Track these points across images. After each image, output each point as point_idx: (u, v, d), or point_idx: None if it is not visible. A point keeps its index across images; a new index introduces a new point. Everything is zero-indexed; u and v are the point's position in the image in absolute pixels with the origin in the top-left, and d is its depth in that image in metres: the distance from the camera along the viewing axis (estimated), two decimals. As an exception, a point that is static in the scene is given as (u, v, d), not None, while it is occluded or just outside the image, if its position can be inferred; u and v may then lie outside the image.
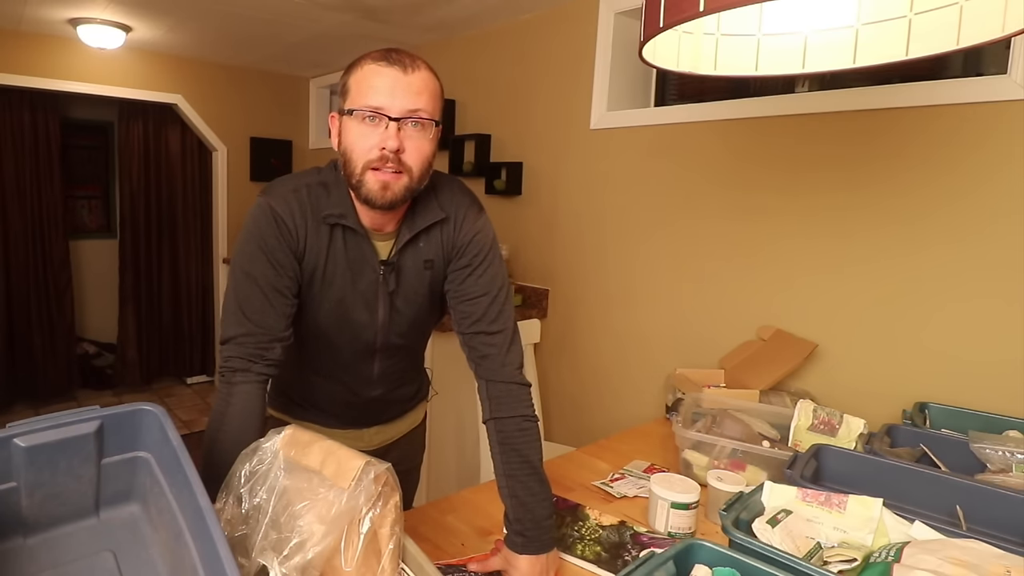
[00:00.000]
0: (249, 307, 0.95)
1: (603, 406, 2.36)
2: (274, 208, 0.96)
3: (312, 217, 0.97)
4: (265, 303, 0.95)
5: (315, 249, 0.98)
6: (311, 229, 0.98)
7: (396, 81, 0.90)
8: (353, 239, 1.00)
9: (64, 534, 0.67)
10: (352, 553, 0.71)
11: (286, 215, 0.96)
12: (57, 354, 3.99)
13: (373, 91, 0.90)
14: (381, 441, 1.25)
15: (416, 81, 0.91)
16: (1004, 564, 0.75)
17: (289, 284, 0.97)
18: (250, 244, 0.96)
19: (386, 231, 1.02)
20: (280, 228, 0.96)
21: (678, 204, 2.06)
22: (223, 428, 0.91)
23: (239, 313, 0.95)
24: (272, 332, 0.95)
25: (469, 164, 2.82)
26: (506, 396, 1.01)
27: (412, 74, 0.91)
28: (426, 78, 0.92)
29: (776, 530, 0.86)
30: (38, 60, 3.23)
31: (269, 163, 4.07)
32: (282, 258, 0.96)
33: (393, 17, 2.67)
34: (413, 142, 0.92)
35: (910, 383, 1.55)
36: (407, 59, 0.91)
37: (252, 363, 0.94)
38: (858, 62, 0.84)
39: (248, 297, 0.95)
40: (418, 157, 0.93)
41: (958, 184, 1.47)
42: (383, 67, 0.90)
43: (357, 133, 0.91)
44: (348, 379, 1.14)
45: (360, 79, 0.91)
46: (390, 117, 0.89)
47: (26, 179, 3.79)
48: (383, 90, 0.89)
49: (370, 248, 1.01)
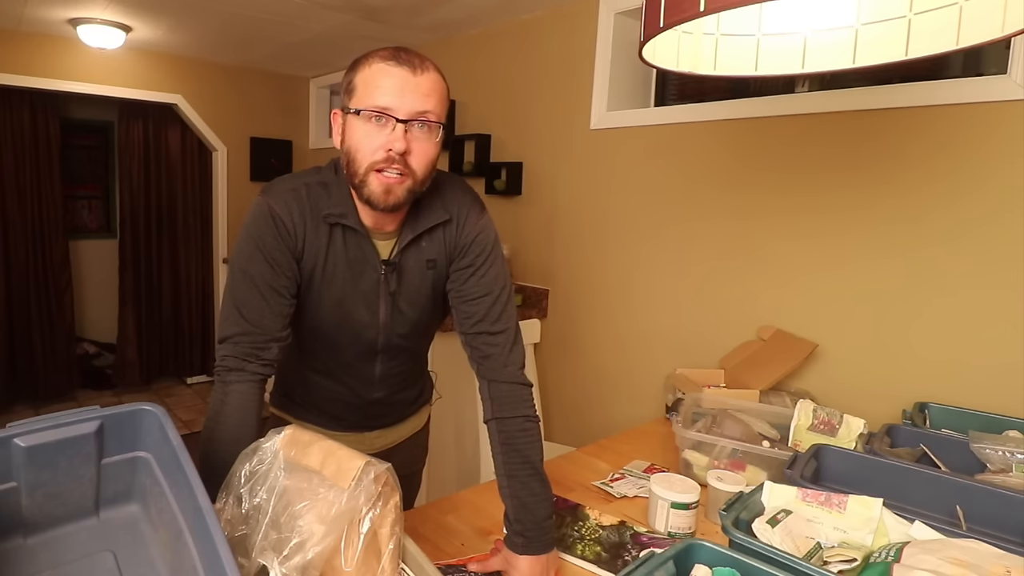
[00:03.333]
0: (246, 307, 0.94)
1: (603, 406, 2.36)
2: (272, 208, 0.95)
3: (311, 217, 0.97)
4: (262, 303, 0.95)
5: (314, 249, 0.98)
6: (310, 229, 0.97)
7: (405, 82, 0.88)
8: (353, 238, 0.99)
9: (64, 534, 0.67)
10: (352, 553, 0.71)
11: (284, 215, 0.95)
12: (57, 354, 3.99)
13: (381, 91, 0.88)
14: (383, 445, 1.23)
15: (425, 82, 0.89)
16: (1004, 564, 0.75)
17: (287, 284, 0.97)
18: (248, 243, 0.95)
19: (387, 230, 1.01)
20: (278, 228, 0.95)
21: (678, 204, 2.06)
22: (219, 427, 0.91)
23: (236, 313, 0.94)
24: (269, 332, 0.95)
25: (469, 164, 2.82)
26: (508, 396, 1.01)
27: (421, 75, 0.89)
28: (435, 80, 0.91)
29: (776, 530, 0.86)
30: (38, 60, 3.23)
31: (269, 163, 4.07)
32: (280, 258, 0.95)
33: (393, 17, 2.67)
34: (419, 144, 0.91)
35: (910, 383, 1.55)
36: (416, 59, 0.90)
37: (247, 362, 0.93)
38: (858, 62, 0.85)
39: (245, 297, 0.94)
40: (423, 160, 0.92)
41: (959, 184, 1.47)
42: (392, 67, 0.89)
43: (363, 133, 0.90)
44: (349, 380, 1.13)
45: (368, 78, 0.90)
46: (398, 119, 0.88)
47: (26, 179, 3.79)
48: (392, 90, 0.88)
49: (371, 248, 1.00)
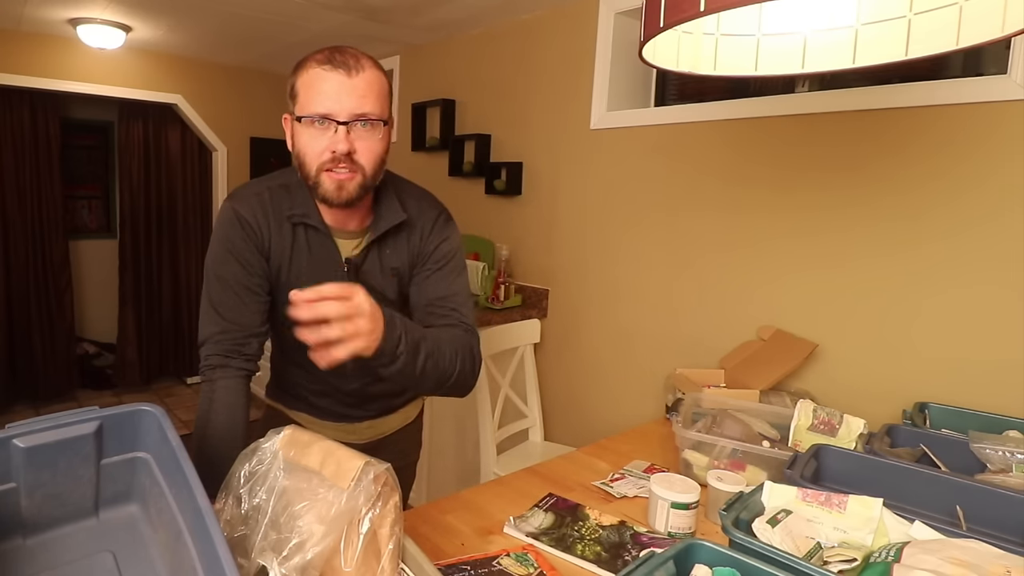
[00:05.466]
0: (223, 306, 0.98)
1: (603, 406, 2.36)
2: (238, 211, 1.00)
3: (274, 217, 1.01)
4: (238, 301, 0.99)
5: (279, 248, 1.02)
6: (274, 229, 1.01)
7: (341, 86, 0.91)
8: (316, 237, 1.03)
9: (63, 535, 0.67)
10: (352, 553, 0.71)
11: (250, 217, 1.00)
12: (57, 354, 3.99)
13: (320, 96, 0.91)
14: (373, 436, 1.27)
15: (361, 84, 0.92)
16: (1004, 564, 0.75)
17: (260, 282, 1.01)
18: (219, 247, 1.00)
19: (349, 229, 1.05)
20: (245, 230, 1.00)
21: (678, 204, 2.06)
22: (210, 424, 0.93)
23: (213, 313, 0.98)
24: (247, 328, 0.98)
25: (469, 164, 2.82)
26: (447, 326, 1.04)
27: (356, 76, 0.92)
28: (370, 79, 0.93)
29: (776, 530, 0.86)
30: (38, 60, 3.23)
31: (269, 163, 4.07)
32: (250, 257, 1.00)
33: (393, 17, 2.67)
34: (363, 143, 0.94)
35: (910, 383, 1.55)
36: (351, 60, 0.92)
37: (230, 359, 0.96)
38: (858, 62, 0.84)
39: (221, 297, 0.98)
40: (369, 156, 0.95)
41: (958, 183, 1.47)
42: (327, 71, 0.91)
43: (308, 137, 0.94)
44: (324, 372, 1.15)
45: (306, 84, 0.93)
46: (339, 122, 0.91)
47: (26, 179, 3.79)
48: (329, 95, 0.91)
49: (333, 246, 1.04)
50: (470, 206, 2.88)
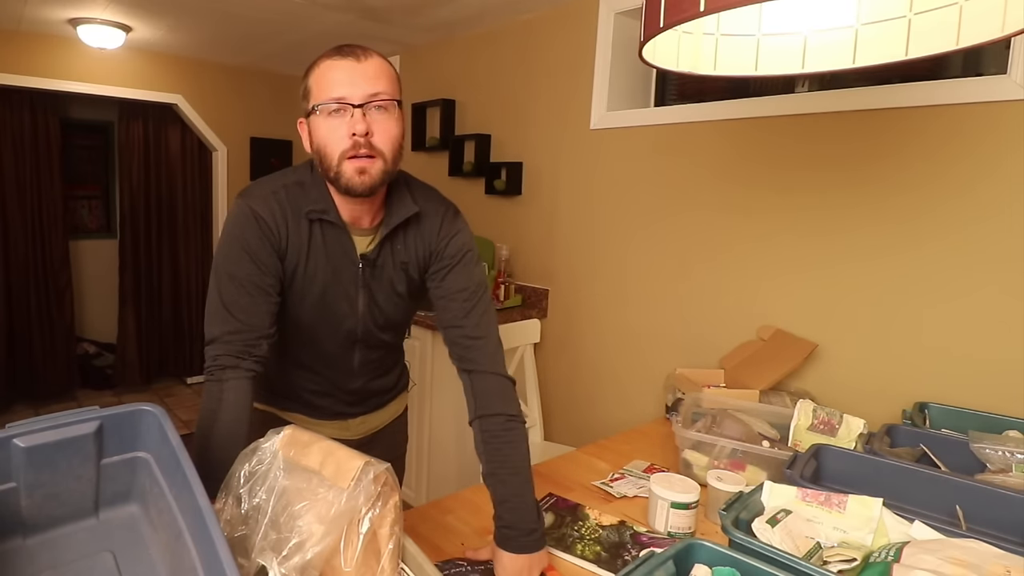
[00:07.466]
0: (235, 306, 0.97)
1: (603, 406, 2.36)
2: (255, 209, 0.99)
3: (292, 215, 1.01)
4: (251, 302, 0.98)
5: (296, 246, 1.02)
6: (292, 227, 1.01)
7: (352, 70, 0.93)
8: (333, 233, 1.03)
9: (63, 534, 0.67)
10: (351, 553, 0.71)
11: (267, 215, 0.99)
12: (57, 354, 3.98)
13: (333, 84, 0.93)
14: (365, 431, 1.28)
15: (371, 67, 0.95)
16: (1004, 564, 0.75)
17: (273, 283, 1.00)
18: (233, 247, 0.98)
19: (363, 226, 1.06)
20: (262, 228, 0.99)
21: (678, 204, 2.06)
22: (217, 424, 0.92)
23: (224, 312, 0.97)
24: (258, 329, 0.97)
25: (469, 164, 2.82)
26: (491, 389, 1.06)
27: (366, 61, 0.95)
28: (379, 64, 0.96)
29: (776, 530, 0.86)
30: (38, 60, 3.23)
31: (269, 163, 4.07)
32: (265, 258, 0.99)
33: (393, 17, 2.67)
34: (380, 124, 0.95)
35: (910, 383, 1.55)
36: (359, 50, 0.96)
37: (241, 359, 0.95)
38: (858, 62, 0.84)
39: (234, 297, 0.97)
40: (387, 138, 0.96)
41: (958, 183, 1.47)
42: (337, 60, 0.94)
43: (326, 128, 0.95)
44: (329, 371, 1.17)
45: (318, 77, 0.95)
46: (353, 104, 0.93)
47: (26, 179, 3.79)
48: (342, 81, 0.93)
49: (349, 242, 1.04)
50: (470, 206, 2.88)
